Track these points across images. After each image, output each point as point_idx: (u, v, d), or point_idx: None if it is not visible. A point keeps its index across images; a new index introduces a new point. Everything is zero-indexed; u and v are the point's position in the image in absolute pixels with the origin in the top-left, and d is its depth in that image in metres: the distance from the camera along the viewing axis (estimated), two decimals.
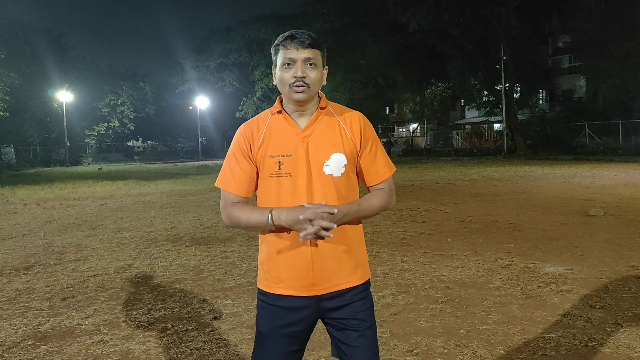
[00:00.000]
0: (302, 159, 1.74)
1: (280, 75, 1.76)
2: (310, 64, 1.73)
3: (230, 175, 1.82)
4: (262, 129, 1.80)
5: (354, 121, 1.83)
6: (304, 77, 1.72)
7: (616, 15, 27.00)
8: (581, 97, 37.10)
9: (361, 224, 1.87)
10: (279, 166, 1.74)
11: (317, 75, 1.75)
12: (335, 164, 1.76)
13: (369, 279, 1.87)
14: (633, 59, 26.64)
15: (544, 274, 4.99)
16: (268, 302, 1.80)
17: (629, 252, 5.78)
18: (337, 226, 1.70)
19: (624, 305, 4.05)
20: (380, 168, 1.85)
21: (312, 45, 1.73)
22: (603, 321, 3.73)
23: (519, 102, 34.96)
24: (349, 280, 1.78)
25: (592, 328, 3.61)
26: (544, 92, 40.93)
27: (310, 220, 1.64)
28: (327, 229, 1.65)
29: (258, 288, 1.86)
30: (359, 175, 1.86)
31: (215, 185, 1.88)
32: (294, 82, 1.72)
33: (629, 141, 28.04)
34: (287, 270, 1.76)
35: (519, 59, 31.92)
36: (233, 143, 1.84)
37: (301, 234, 1.66)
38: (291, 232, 1.72)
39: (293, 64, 1.73)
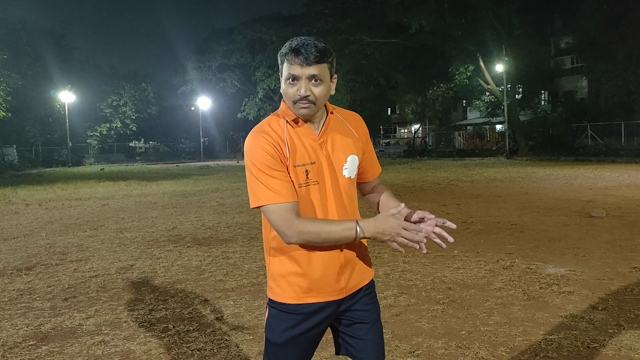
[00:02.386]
0: (325, 165, 1.74)
1: (284, 88, 1.71)
2: (315, 80, 1.67)
3: (275, 185, 1.65)
4: (284, 138, 1.71)
5: (358, 122, 1.87)
6: (308, 95, 1.66)
7: (618, 17, 26.96)
8: (583, 98, 36.99)
9: None
10: (307, 175, 1.71)
11: (322, 91, 1.68)
12: (352, 165, 1.80)
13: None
14: (635, 60, 26.59)
15: (546, 275, 4.98)
16: (287, 311, 1.74)
17: (631, 254, 5.76)
18: None
19: (626, 306, 4.04)
20: (376, 164, 1.96)
21: (317, 61, 1.64)
22: (605, 323, 3.72)
23: (520, 103, 34.91)
24: (366, 276, 1.84)
25: (594, 330, 3.60)
26: (546, 93, 40.86)
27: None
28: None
29: (278, 302, 1.75)
30: (360, 172, 1.89)
31: (257, 205, 1.66)
32: (298, 100, 1.67)
33: (632, 142, 27.96)
34: (318, 279, 1.72)
35: (521, 60, 31.87)
36: (258, 155, 1.67)
37: (396, 246, 1.67)
38: None
39: (297, 81, 1.67)
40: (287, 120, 1.73)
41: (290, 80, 1.67)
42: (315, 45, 1.65)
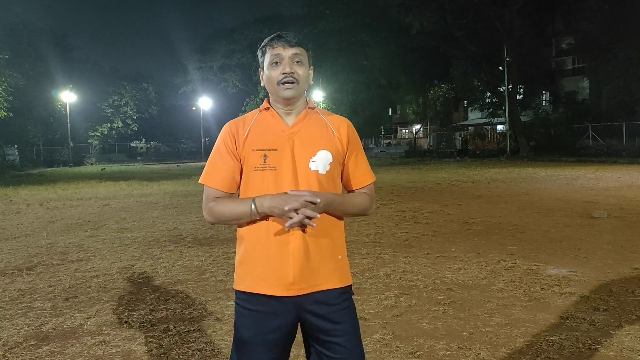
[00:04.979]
0: (287, 154, 1.76)
1: (268, 74, 1.80)
2: (297, 61, 1.78)
3: (214, 170, 1.83)
4: (248, 125, 1.82)
5: (342, 124, 1.86)
6: (292, 72, 1.76)
7: (620, 17, 26.95)
8: (585, 98, 36.98)
9: (343, 224, 1.87)
10: (264, 159, 1.76)
11: (304, 72, 1.80)
12: (322, 161, 1.78)
13: (350, 285, 1.84)
14: (637, 60, 26.57)
15: (547, 276, 4.97)
16: (248, 308, 1.77)
17: (632, 254, 5.75)
18: (320, 214, 1.70)
19: (628, 307, 4.04)
20: (364, 173, 1.90)
21: (298, 44, 1.79)
22: (606, 324, 3.71)
23: (522, 104, 34.92)
24: (328, 281, 1.76)
25: (595, 331, 3.60)
26: (547, 93, 40.85)
27: (295, 210, 1.66)
28: (310, 218, 1.67)
29: (236, 290, 1.81)
30: (342, 179, 1.89)
31: (199, 182, 1.89)
32: (283, 79, 1.76)
33: (633, 143, 27.93)
34: (267, 268, 1.74)
35: (522, 61, 31.87)
36: (218, 139, 1.85)
37: (287, 223, 1.67)
38: (270, 229, 1.73)
39: (281, 62, 1.77)
40: (260, 110, 1.85)
41: (274, 63, 1.79)
42: (293, 33, 1.82)
